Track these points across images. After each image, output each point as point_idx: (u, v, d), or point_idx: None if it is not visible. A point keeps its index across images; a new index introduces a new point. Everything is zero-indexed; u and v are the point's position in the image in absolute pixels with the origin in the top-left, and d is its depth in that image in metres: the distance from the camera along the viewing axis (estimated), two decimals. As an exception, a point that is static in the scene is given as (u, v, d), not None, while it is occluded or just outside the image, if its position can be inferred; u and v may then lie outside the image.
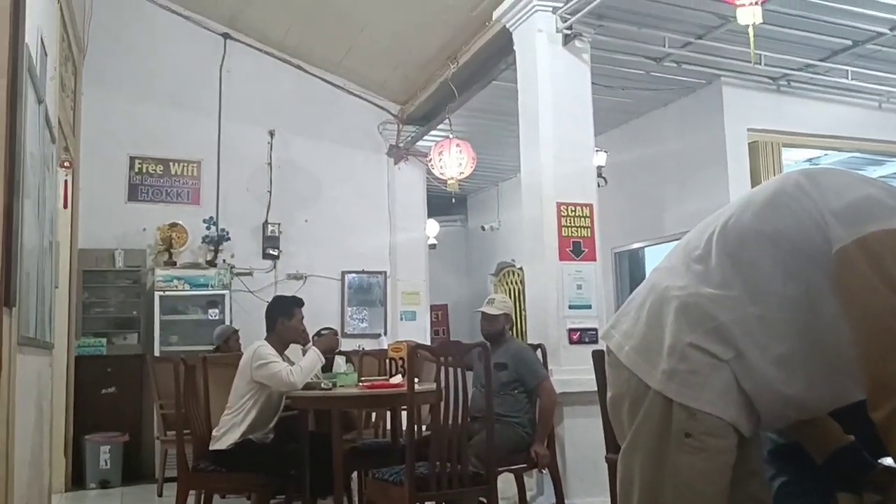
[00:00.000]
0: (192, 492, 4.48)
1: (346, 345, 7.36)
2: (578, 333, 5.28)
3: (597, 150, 6.16)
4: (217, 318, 7.64)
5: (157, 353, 7.15)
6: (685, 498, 1.54)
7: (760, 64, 6.27)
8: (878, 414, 1.41)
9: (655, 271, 1.77)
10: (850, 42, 6.32)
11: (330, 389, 4.35)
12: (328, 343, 4.66)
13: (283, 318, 4.57)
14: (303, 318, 4.66)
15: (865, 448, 1.76)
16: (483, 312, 4.96)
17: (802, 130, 7.22)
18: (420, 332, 8.80)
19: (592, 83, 5.75)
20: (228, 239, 8.12)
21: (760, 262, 1.54)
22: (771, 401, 1.56)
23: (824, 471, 1.80)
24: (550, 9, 5.53)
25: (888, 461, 1.74)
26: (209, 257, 8.03)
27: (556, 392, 4.83)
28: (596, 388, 2.99)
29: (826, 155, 8.00)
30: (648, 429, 1.60)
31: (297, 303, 4.70)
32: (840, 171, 1.66)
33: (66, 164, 6.19)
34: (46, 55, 4.36)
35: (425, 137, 8.57)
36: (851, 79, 6.74)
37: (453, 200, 8.92)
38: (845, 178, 1.59)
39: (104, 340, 7.41)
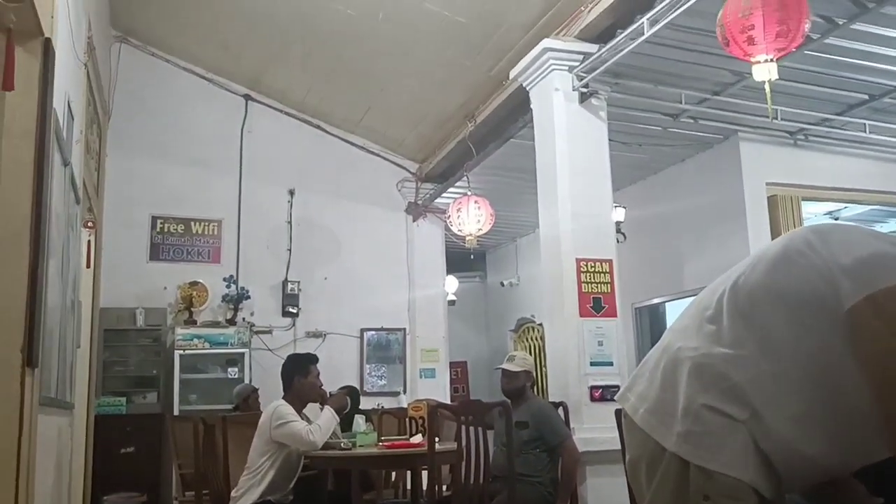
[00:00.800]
0: (210, 554, 4.42)
1: (366, 403, 7.30)
2: (600, 391, 5.21)
3: (615, 206, 6.17)
4: (236, 376, 7.64)
5: (176, 412, 7.15)
6: None
7: (777, 119, 6.29)
8: None
9: (668, 332, 1.76)
10: (866, 96, 6.34)
11: (349, 449, 4.31)
12: (338, 402, 4.58)
13: (299, 375, 4.55)
14: (318, 374, 4.65)
15: None
16: (503, 370, 4.91)
17: (821, 184, 7.20)
18: (439, 390, 8.74)
19: (610, 140, 5.78)
20: (248, 297, 8.17)
21: (771, 319, 1.53)
22: (790, 460, 1.52)
23: None
24: (567, 68, 5.60)
25: None
26: (229, 315, 8.06)
27: (579, 451, 4.75)
28: (620, 447, 2.94)
29: (846, 208, 7.96)
30: (666, 492, 1.57)
31: (311, 360, 4.69)
32: (850, 226, 1.65)
33: (89, 224, 6.27)
34: (73, 118, 4.46)
35: (444, 194, 8.63)
36: (869, 132, 6.76)
37: (472, 257, 8.93)
38: (855, 233, 1.58)
39: (124, 399, 7.43)
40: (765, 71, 3.95)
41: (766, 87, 4.03)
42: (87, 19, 5.16)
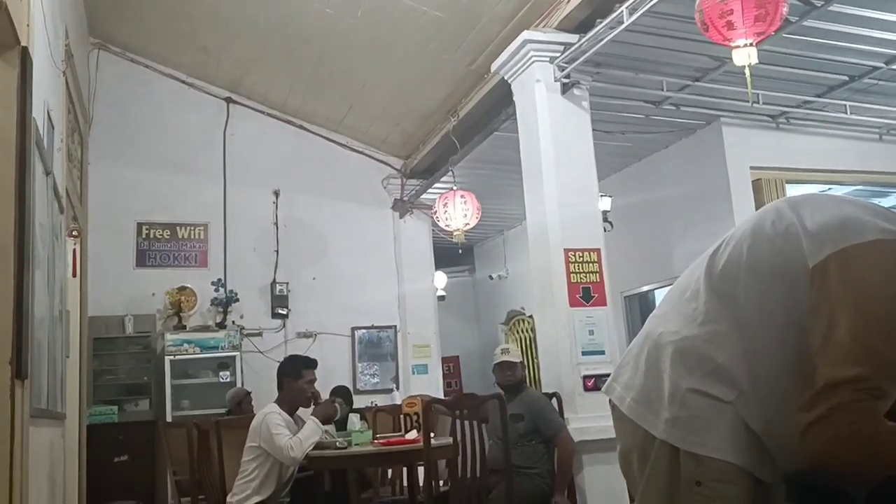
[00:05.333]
0: (208, 559, 4.41)
1: (359, 401, 7.30)
2: (593, 380, 5.23)
3: (601, 195, 6.18)
4: (228, 380, 7.62)
5: (169, 419, 7.12)
6: None
7: (759, 103, 6.31)
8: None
9: (650, 319, 1.75)
10: (846, 77, 6.37)
11: (345, 448, 4.30)
12: (324, 412, 4.46)
13: (289, 378, 4.51)
14: (314, 379, 4.59)
15: None
16: (505, 362, 4.90)
17: (805, 166, 7.23)
18: (432, 385, 8.74)
19: (593, 129, 5.79)
20: (237, 300, 8.14)
21: (747, 294, 1.52)
22: (780, 439, 1.49)
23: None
24: (548, 59, 5.60)
25: None
26: (218, 319, 8.04)
27: (574, 441, 4.76)
28: (615, 435, 2.95)
29: (830, 189, 7.99)
30: (658, 480, 1.55)
31: (306, 363, 4.60)
32: (820, 194, 1.66)
33: (74, 233, 6.23)
34: (53, 127, 4.42)
35: (429, 190, 8.62)
36: (850, 113, 6.78)
37: (460, 251, 8.94)
38: (824, 200, 1.58)
39: (116, 408, 7.38)
40: (745, 55, 3.96)
41: (747, 71, 4.05)
42: (65, 27, 5.11)
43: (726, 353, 1.51)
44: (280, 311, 8.41)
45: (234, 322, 8.09)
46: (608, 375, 5.28)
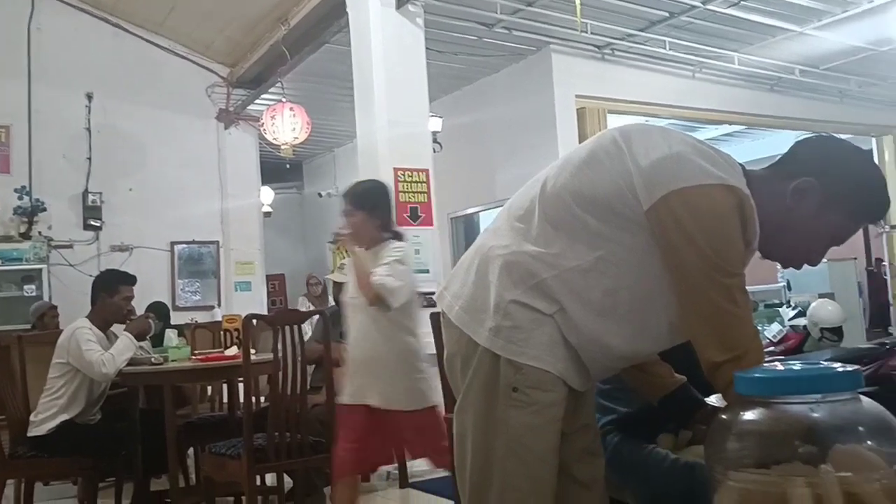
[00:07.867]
0: (10, 481, 4.18)
1: (178, 318, 7.07)
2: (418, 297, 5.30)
3: (431, 116, 6.18)
4: (34, 294, 7.17)
5: (-35, 334, 6.61)
6: (516, 453, 1.57)
7: (587, 32, 6.48)
8: (712, 377, 1.50)
9: (483, 233, 1.81)
10: (666, 13, 6.64)
11: (161, 364, 4.17)
12: (137, 327, 4.28)
13: (104, 293, 4.31)
14: (131, 296, 4.40)
15: (695, 385, 1.86)
16: (337, 283, 4.83)
17: (625, 97, 7.54)
18: (256, 303, 8.60)
19: (426, 48, 5.74)
20: (44, 209, 7.59)
21: (578, 221, 1.58)
22: (595, 352, 1.60)
23: (649, 410, 1.89)
24: (383, -29, 5.47)
25: (714, 399, 1.86)
26: (23, 230, 7.48)
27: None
28: (434, 351, 3.03)
29: (646, 122, 8.40)
30: (478, 385, 1.62)
31: (124, 279, 4.42)
32: (652, 127, 1.70)
33: None
34: None
35: (257, 101, 8.31)
36: (669, 49, 7.10)
37: (288, 166, 8.73)
38: (654, 135, 1.63)
39: None
40: (575, -18, 4.03)
41: (577, -2, 4.13)
42: None
43: (551, 270, 1.57)
44: (93, 223, 7.91)
45: (40, 233, 7.55)
46: (432, 294, 5.36)
